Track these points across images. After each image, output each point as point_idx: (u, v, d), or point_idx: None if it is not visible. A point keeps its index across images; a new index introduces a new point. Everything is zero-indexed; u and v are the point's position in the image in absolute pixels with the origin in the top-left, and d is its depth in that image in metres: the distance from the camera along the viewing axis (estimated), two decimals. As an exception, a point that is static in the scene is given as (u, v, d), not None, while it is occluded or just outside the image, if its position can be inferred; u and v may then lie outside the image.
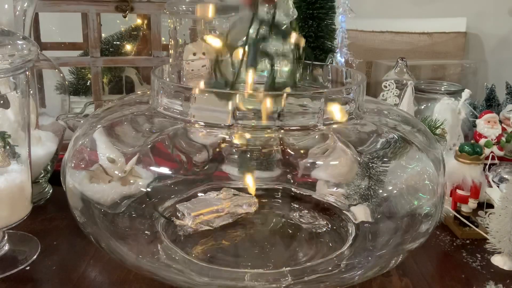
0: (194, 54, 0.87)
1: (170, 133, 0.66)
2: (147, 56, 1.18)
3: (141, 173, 0.67)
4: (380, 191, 0.65)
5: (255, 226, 0.72)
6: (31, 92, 0.78)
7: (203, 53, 0.87)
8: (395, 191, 0.64)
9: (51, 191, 0.88)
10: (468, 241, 0.78)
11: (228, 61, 0.68)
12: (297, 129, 0.59)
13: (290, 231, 0.72)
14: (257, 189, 0.74)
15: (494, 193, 0.85)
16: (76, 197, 0.64)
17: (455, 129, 1.01)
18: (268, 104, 0.56)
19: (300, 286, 0.58)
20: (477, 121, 1.06)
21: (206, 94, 0.61)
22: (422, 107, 1.13)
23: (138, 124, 0.67)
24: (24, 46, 0.65)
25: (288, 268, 0.61)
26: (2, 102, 0.67)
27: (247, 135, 0.63)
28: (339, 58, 1.09)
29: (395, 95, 1.08)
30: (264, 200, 0.76)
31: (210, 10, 0.81)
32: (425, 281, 0.67)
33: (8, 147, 0.67)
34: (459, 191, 0.80)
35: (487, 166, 0.96)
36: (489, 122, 1.03)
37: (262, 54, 0.64)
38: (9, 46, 0.64)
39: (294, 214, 0.75)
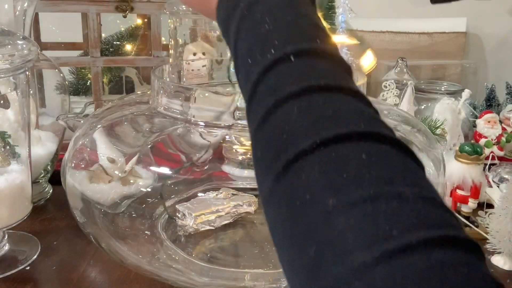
0: (194, 54, 0.87)
1: (170, 133, 0.66)
2: (147, 56, 1.18)
3: (141, 173, 0.67)
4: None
5: (255, 226, 0.72)
6: (31, 92, 0.78)
7: (203, 53, 0.87)
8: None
9: (51, 191, 0.88)
10: (468, 241, 0.78)
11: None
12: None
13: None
14: (257, 189, 0.74)
15: (494, 193, 0.85)
16: (76, 197, 0.64)
17: (455, 129, 1.01)
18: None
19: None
20: (477, 121, 1.06)
21: (206, 94, 0.61)
22: (422, 107, 1.13)
23: (138, 124, 0.67)
24: (24, 46, 0.65)
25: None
26: (2, 102, 0.67)
27: (248, 135, 0.63)
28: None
29: (395, 95, 1.08)
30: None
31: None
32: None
33: (8, 147, 0.67)
34: (459, 191, 0.80)
35: (487, 166, 0.96)
36: (489, 122, 1.03)
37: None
38: (9, 46, 0.64)
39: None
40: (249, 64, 0.33)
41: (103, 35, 1.24)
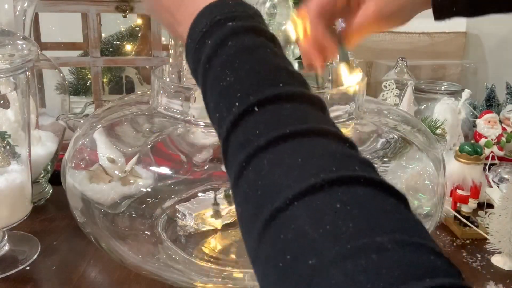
0: (194, 54, 0.87)
1: (170, 133, 0.66)
2: (147, 56, 1.18)
3: (141, 173, 0.67)
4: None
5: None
6: (31, 92, 0.78)
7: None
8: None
9: (51, 191, 0.88)
10: (468, 241, 0.78)
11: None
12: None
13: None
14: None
15: (494, 193, 0.85)
16: (76, 197, 0.64)
17: (455, 129, 1.01)
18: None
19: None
20: (477, 121, 1.06)
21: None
22: (422, 107, 1.13)
23: (138, 124, 0.67)
24: (24, 46, 0.65)
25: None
26: (2, 102, 0.67)
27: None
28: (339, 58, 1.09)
29: (395, 95, 1.08)
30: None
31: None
32: (425, 281, 0.67)
33: (8, 147, 0.67)
34: (459, 191, 0.80)
35: (487, 166, 0.96)
36: (489, 122, 1.03)
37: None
38: (9, 46, 0.64)
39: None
40: (218, 119, 0.33)
41: (103, 35, 1.24)
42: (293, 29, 0.52)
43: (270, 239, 0.26)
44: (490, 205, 0.83)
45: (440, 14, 0.53)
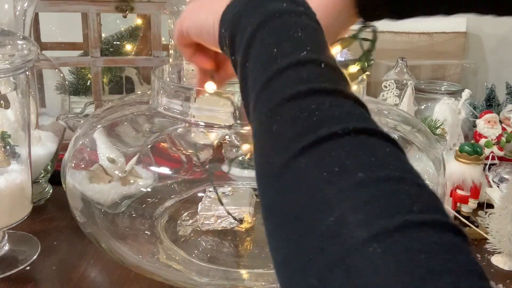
0: (194, 54, 0.87)
1: (170, 133, 0.66)
2: (147, 56, 1.18)
3: (141, 173, 0.67)
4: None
5: (255, 226, 0.72)
6: (31, 92, 0.78)
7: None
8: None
9: (51, 191, 0.88)
10: (468, 241, 0.78)
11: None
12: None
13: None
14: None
15: (494, 193, 0.85)
16: (76, 197, 0.64)
17: (455, 129, 1.01)
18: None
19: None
20: (477, 121, 1.06)
21: (206, 94, 0.61)
22: (422, 107, 1.13)
23: (138, 124, 0.67)
24: (24, 46, 0.65)
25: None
26: (2, 102, 0.67)
27: (247, 135, 0.63)
28: (339, 58, 1.09)
29: (395, 95, 1.08)
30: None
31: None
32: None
33: (8, 147, 0.67)
34: (459, 191, 0.80)
35: (487, 166, 0.96)
36: (489, 122, 1.03)
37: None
38: (9, 46, 0.64)
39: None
40: (275, 52, 0.34)
41: (103, 35, 1.24)
42: None
43: (320, 152, 0.29)
44: (490, 205, 0.83)
45: (365, 16, 0.55)
